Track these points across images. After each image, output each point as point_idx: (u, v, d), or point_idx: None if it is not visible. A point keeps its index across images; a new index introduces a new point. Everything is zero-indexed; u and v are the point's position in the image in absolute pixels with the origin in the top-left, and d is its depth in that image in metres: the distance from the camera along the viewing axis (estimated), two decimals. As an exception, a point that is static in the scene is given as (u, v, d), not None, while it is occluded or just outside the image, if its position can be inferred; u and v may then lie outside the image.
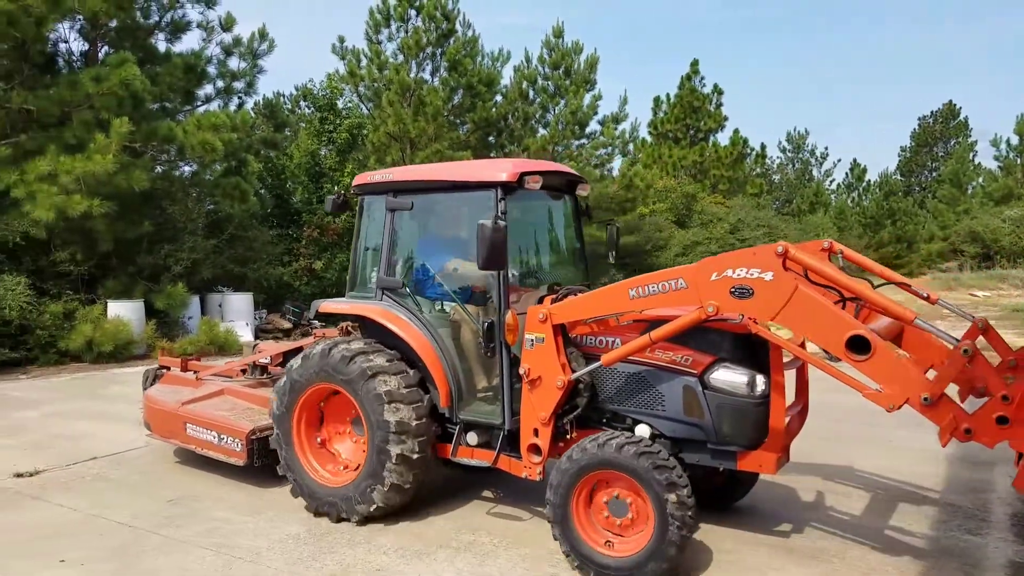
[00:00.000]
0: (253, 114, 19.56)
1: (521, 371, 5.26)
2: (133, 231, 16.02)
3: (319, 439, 6.18)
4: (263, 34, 19.68)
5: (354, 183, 6.49)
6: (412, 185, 6.09)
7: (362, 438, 5.85)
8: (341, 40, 26.70)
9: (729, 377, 4.89)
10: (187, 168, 18.84)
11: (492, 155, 28.85)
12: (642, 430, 5.14)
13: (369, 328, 6.16)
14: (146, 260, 16.83)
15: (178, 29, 18.57)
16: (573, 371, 5.16)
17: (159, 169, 17.34)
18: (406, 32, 26.58)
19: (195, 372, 8.18)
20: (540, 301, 5.40)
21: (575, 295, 5.40)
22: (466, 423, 5.77)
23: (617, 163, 30.89)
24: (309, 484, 6.01)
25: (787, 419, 4.93)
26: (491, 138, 29.25)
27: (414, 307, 6.00)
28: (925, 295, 5.21)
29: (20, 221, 14.42)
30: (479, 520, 5.80)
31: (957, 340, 4.18)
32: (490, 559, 5.08)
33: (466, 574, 4.89)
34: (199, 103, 19.04)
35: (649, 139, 46.22)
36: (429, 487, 6.26)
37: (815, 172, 67.47)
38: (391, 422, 5.51)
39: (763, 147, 58.55)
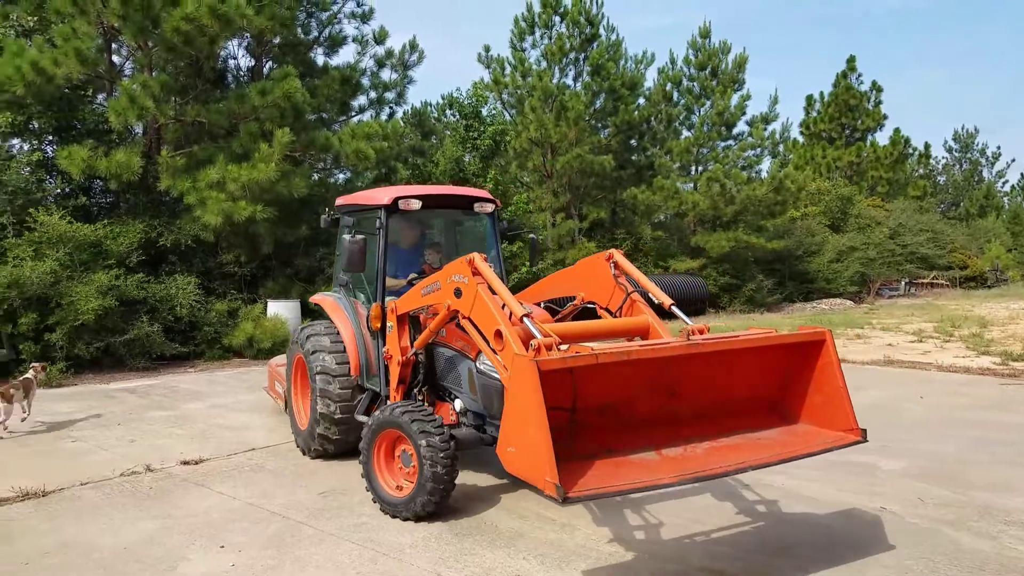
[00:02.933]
0: (403, 123, 20.25)
1: (384, 351, 6.78)
2: (291, 235, 16.94)
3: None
4: (413, 46, 20.36)
5: (335, 204, 8.13)
6: (354, 207, 7.77)
7: None
8: (486, 49, 27.33)
9: (489, 362, 5.65)
10: (341, 175, 19.77)
11: (634, 159, 28.56)
12: (458, 404, 6.26)
13: None
14: (303, 262, 17.75)
15: (335, 43, 19.53)
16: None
17: (316, 176, 18.25)
18: (550, 39, 26.78)
19: None
20: None
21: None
22: (369, 389, 7.30)
23: (766, 165, 29.89)
24: (296, 424, 8.01)
25: None
26: (633, 141, 28.98)
27: (353, 299, 7.63)
28: (658, 302, 5.99)
29: (191, 225, 15.56)
30: (623, 531, 5.68)
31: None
32: (631, 573, 4.96)
33: (606, 585, 4.80)
34: (353, 113, 19.94)
35: (801, 139, 44.42)
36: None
37: (985, 173, 62.79)
38: (318, 388, 7.29)
39: (927, 147, 55.05)
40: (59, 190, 15.99)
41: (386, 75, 20.40)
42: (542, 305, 7.28)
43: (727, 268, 27.08)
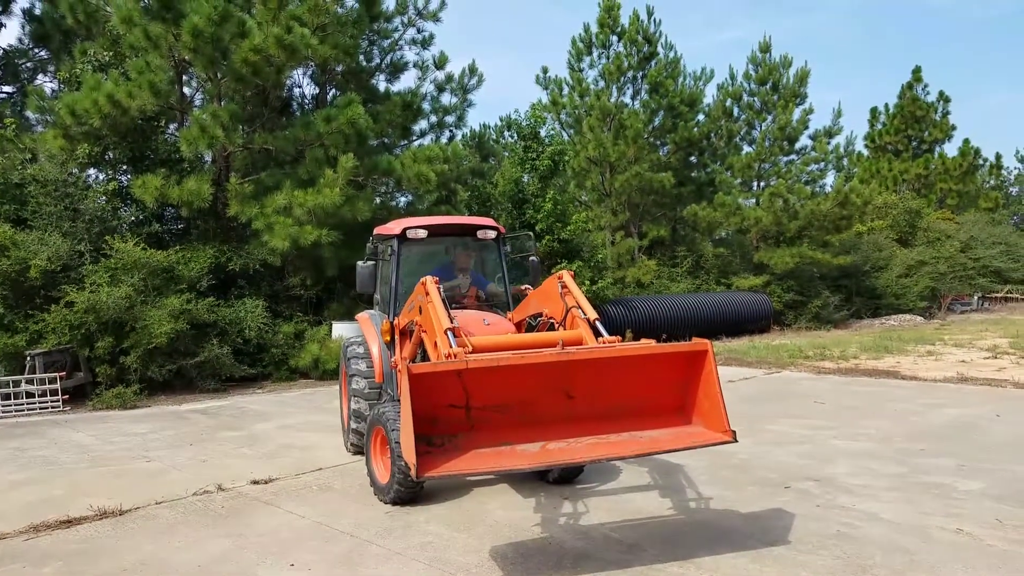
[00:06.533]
0: (462, 146, 20.49)
1: (392, 360, 7.84)
2: (355, 258, 17.14)
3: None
4: (473, 69, 20.63)
5: (374, 233, 8.93)
6: (381, 237, 8.67)
7: None
8: (544, 71, 27.59)
9: None
10: (403, 199, 20.05)
11: (694, 175, 28.34)
12: None
13: None
14: (366, 284, 18.00)
15: (397, 69, 19.92)
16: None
17: (378, 200, 18.54)
18: (607, 58, 26.85)
19: None
20: None
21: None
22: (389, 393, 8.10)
23: (830, 179, 29.31)
24: (343, 425, 9.34)
25: None
26: (692, 158, 28.79)
27: (383, 315, 8.40)
28: (585, 317, 6.47)
29: (259, 250, 15.94)
30: (689, 550, 5.60)
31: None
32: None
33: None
34: (415, 137, 20.24)
35: (866, 152, 43.47)
36: (639, 515, 6.12)
37: (1062, 183, 60.16)
38: (351, 388, 8.44)
39: (998, 157, 53.35)
40: (133, 218, 16.55)
41: (446, 99, 20.72)
42: (526, 319, 7.83)
43: (792, 284, 26.54)
